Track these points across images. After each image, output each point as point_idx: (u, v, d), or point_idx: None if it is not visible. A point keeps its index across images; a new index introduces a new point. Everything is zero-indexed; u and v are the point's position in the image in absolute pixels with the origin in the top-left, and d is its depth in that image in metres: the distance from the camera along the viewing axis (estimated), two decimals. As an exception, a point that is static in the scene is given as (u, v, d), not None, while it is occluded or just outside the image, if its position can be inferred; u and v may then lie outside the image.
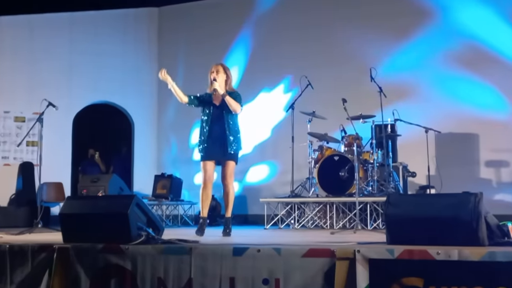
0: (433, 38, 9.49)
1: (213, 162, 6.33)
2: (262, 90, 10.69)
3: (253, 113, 10.56)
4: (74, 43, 10.91)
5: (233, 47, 10.93)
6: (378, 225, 7.78)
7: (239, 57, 10.84)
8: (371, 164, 8.25)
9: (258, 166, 10.62)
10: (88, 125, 11.58)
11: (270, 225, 8.41)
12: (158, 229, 4.97)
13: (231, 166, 6.27)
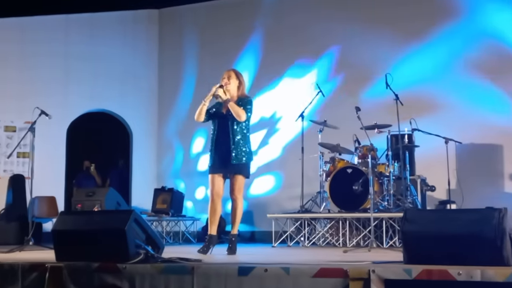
0: (454, 42, 9.49)
1: (221, 175, 6.32)
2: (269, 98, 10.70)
3: (261, 121, 10.58)
4: (69, 48, 10.96)
5: (243, 50, 10.93)
6: (395, 243, 7.75)
7: (248, 62, 10.85)
8: (387, 177, 8.23)
9: (265, 178, 10.61)
10: (84, 135, 11.61)
11: (278, 242, 8.40)
12: (157, 246, 4.97)
13: (238, 180, 6.26)
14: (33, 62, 10.66)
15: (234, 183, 6.27)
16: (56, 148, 10.65)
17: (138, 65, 11.61)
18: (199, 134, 11.19)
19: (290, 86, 10.56)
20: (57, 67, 10.85)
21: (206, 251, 6.22)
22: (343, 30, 10.21)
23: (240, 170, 6.24)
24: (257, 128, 10.70)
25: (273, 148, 10.61)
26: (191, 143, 11.30)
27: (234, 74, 6.40)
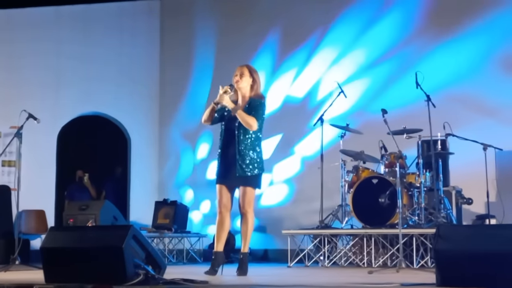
0: (493, 35, 9.46)
1: (229, 186, 6.32)
2: (285, 99, 10.72)
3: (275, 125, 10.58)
4: (60, 45, 11.00)
5: (259, 47, 10.93)
6: (426, 262, 7.72)
7: (265, 58, 10.86)
8: (418, 189, 8.20)
9: (279, 190, 10.61)
10: (76, 142, 11.65)
11: (294, 262, 8.39)
12: (159, 266, 4.98)
13: (247, 192, 6.26)
14: (20, 61, 10.72)
15: (242, 196, 6.27)
16: (45, 156, 10.69)
17: (137, 63, 11.64)
18: (206, 140, 11.21)
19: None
20: (46, 67, 10.90)
21: (214, 272, 6.21)
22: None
23: (248, 182, 6.23)
24: (270, 132, 10.72)
25: (289, 156, 10.59)
26: (197, 150, 11.32)
27: (247, 71, 6.37)
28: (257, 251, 10.29)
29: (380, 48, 10.08)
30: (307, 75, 10.59)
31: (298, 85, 10.67)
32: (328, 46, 10.47)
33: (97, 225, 8.94)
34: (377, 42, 10.12)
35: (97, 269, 4.68)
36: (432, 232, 7.43)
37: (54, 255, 4.92)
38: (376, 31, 10.15)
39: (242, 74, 6.36)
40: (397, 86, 9.67)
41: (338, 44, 10.38)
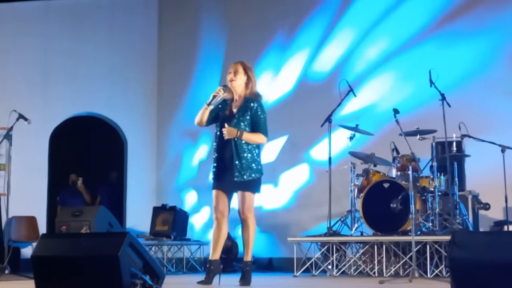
0: (509, 30, 9.47)
1: (226, 191, 6.34)
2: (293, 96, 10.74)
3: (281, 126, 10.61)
4: (49, 40, 11.00)
5: (266, 44, 10.96)
6: (441, 271, 7.71)
7: (272, 59, 10.89)
8: (432, 193, 8.20)
9: (284, 195, 10.62)
10: (69, 144, 11.67)
11: (301, 271, 8.40)
12: (157, 276, 4.99)
13: (246, 198, 6.26)
14: (8, 58, 10.73)
15: (241, 201, 6.28)
16: (36, 158, 10.71)
17: (132, 60, 11.65)
18: (206, 141, 11.23)
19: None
20: (36, 64, 10.90)
21: (208, 281, 6.22)
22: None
23: (247, 186, 6.24)
24: (276, 133, 10.73)
25: (295, 159, 10.60)
26: (197, 152, 11.32)
27: (241, 68, 6.38)
28: (261, 259, 10.30)
29: (392, 45, 10.08)
30: (316, 72, 10.60)
31: (307, 79, 10.68)
32: (337, 43, 10.48)
33: (91, 232, 8.95)
34: (389, 39, 10.12)
35: (92, 279, 4.69)
36: (447, 239, 7.42)
37: (46, 264, 4.94)
38: (387, 28, 10.15)
39: (236, 72, 6.37)
40: (410, 84, 9.67)
41: (348, 42, 10.39)
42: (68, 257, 4.89)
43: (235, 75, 6.36)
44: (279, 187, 10.66)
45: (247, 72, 6.40)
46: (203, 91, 11.28)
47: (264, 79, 10.73)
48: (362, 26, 10.33)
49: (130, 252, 4.80)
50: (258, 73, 10.70)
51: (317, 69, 10.60)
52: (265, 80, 10.74)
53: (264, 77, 10.73)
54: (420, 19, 9.97)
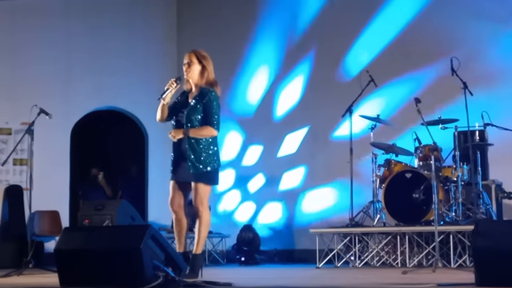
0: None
1: (181, 183, 6.21)
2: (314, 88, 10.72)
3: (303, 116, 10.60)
4: (70, 36, 11.05)
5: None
6: (465, 261, 7.69)
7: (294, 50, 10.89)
8: (454, 183, 8.17)
9: (305, 186, 10.60)
10: (90, 138, 11.72)
11: (323, 263, 8.39)
12: (179, 268, 5.01)
13: (199, 189, 6.10)
14: (28, 53, 10.77)
15: (194, 193, 6.13)
16: (58, 153, 10.76)
17: (152, 55, 11.67)
18: (224, 134, 11.24)
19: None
20: (57, 59, 10.94)
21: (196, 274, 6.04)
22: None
23: (201, 178, 6.11)
24: (295, 125, 10.73)
25: (316, 150, 10.58)
26: (221, 144, 11.32)
27: (195, 58, 6.26)
28: (283, 251, 10.31)
29: (413, 33, 10.01)
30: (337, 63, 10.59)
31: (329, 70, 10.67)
32: (357, 33, 10.43)
33: (113, 225, 9.00)
34: (410, 27, 10.05)
35: (114, 272, 4.72)
36: (470, 229, 7.40)
37: (69, 257, 4.97)
38: (409, 15, 10.09)
39: (190, 62, 6.26)
40: (432, 73, 9.61)
41: (368, 31, 10.34)
42: (91, 250, 4.92)
43: (189, 65, 6.25)
44: (300, 179, 10.65)
45: (201, 61, 6.26)
46: (222, 85, 11.29)
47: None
48: (383, 15, 10.27)
49: (152, 244, 4.82)
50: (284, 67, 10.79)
51: (339, 60, 10.56)
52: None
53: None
54: (442, 8, 9.90)
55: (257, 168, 11.03)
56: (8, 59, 10.67)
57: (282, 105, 10.94)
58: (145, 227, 4.94)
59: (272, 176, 10.91)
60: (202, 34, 11.58)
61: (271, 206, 10.79)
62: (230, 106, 11.11)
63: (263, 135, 11.06)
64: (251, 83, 11.23)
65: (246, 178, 11.06)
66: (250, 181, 11.03)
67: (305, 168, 10.64)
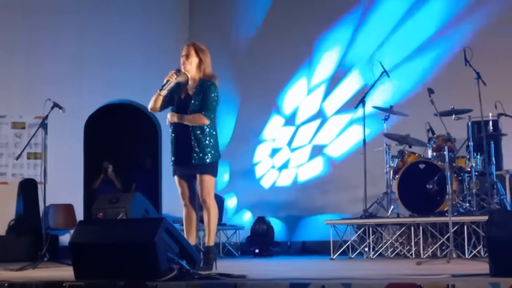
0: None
1: (187, 175, 6.21)
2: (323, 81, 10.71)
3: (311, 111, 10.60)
4: (83, 30, 11.06)
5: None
6: (479, 252, 7.69)
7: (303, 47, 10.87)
8: (468, 173, 8.15)
9: (319, 178, 10.60)
10: (104, 131, 11.74)
11: (337, 254, 8.40)
12: (193, 261, 5.02)
13: (205, 181, 6.12)
14: (41, 48, 10.80)
15: (200, 185, 6.13)
16: (72, 147, 10.79)
17: (165, 47, 11.66)
18: (241, 123, 11.25)
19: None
20: (69, 53, 10.97)
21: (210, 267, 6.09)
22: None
23: (206, 169, 6.12)
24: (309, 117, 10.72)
25: (329, 141, 10.58)
26: (231, 139, 11.34)
27: (193, 50, 6.26)
28: (296, 243, 10.33)
29: (427, 24, 9.98)
30: (350, 54, 10.57)
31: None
32: (371, 23, 10.41)
33: (127, 218, 9.02)
34: (424, 18, 10.02)
35: (129, 265, 4.73)
36: (484, 219, 7.38)
37: (84, 250, 4.99)
38: (423, 7, 10.05)
39: (188, 55, 6.24)
40: (445, 63, 9.58)
41: (382, 21, 10.31)
42: (105, 243, 4.94)
43: (187, 58, 6.24)
44: (313, 170, 10.66)
45: (199, 54, 6.25)
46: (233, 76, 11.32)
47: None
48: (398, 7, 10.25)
49: (166, 237, 4.83)
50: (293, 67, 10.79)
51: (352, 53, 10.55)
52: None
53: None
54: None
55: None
56: (21, 54, 10.71)
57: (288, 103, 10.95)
58: (159, 220, 4.94)
59: (286, 168, 10.93)
60: (214, 28, 11.59)
61: (285, 197, 10.79)
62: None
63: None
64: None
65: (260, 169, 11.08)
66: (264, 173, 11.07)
67: (317, 160, 10.64)
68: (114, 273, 4.73)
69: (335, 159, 10.50)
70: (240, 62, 11.27)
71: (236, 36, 11.42)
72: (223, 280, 4.60)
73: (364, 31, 10.45)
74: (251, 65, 11.18)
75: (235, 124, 11.35)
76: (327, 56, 10.73)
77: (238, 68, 11.26)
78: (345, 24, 10.61)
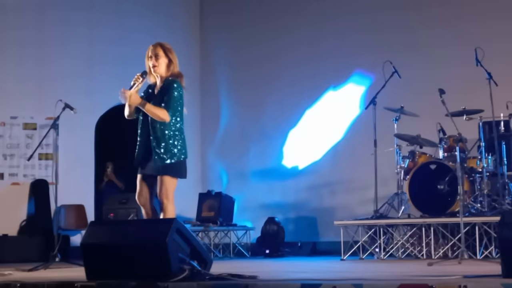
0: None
1: (148, 176, 6.14)
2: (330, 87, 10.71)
3: (321, 113, 10.57)
4: (94, 30, 11.09)
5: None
6: (491, 252, 7.66)
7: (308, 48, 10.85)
8: (480, 174, 8.12)
9: (330, 178, 10.59)
10: (114, 132, 11.74)
11: (348, 255, 8.39)
12: (205, 261, 5.02)
13: (164, 182, 6.01)
14: (53, 48, 10.82)
15: (159, 185, 6.03)
16: (83, 147, 10.81)
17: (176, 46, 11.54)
18: (252, 123, 11.24)
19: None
20: (80, 54, 11.00)
21: None
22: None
23: (166, 170, 6.02)
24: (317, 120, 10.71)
25: (340, 142, 10.57)
26: (242, 135, 11.34)
27: (162, 51, 6.21)
28: (306, 244, 10.31)
29: (437, 23, 9.95)
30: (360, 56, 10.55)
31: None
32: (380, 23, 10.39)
33: (138, 219, 9.04)
34: (434, 17, 9.99)
35: (141, 265, 4.74)
36: (496, 220, 7.34)
37: (95, 251, 5.00)
38: (433, 5, 10.03)
39: (157, 56, 6.21)
40: (456, 63, 9.55)
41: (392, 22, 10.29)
42: (117, 244, 4.95)
43: (156, 59, 6.20)
44: (323, 171, 10.65)
45: (167, 54, 6.22)
46: (244, 77, 11.33)
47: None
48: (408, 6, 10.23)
49: (178, 238, 4.84)
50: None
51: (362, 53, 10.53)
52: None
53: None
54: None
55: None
56: (32, 55, 10.74)
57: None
58: (170, 220, 4.96)
59: (296, 169, 10.92)
60: (224, 26, 11.60)
61: (295, 198, 10.78)
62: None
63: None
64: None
65: (271, 170, 11.07)
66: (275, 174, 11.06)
67: (328, 160, 10.63)
68: (125, 274, 4.74)
69: (346, 160, 10.47)
70: (251, 63, 11.27)
71: (246, 37, 11.41)
72: (234, 280, 4.60)
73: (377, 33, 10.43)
74: (261, 66, 11.17)
75: (247, 123, 11.34)
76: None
77: (248, 69, 11.27)
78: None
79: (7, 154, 10.54)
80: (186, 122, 11.88)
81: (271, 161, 11.07)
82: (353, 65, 10.44)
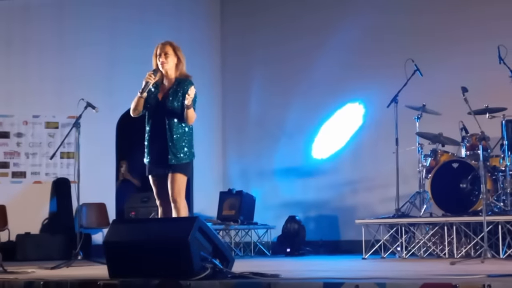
0: None
1: (162, 175, 6.14)
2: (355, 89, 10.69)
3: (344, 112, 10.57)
4: (116, 29, 11.13)
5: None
6: (514, 252, 7.62)
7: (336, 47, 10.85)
8: (503, 172, 8.07)
9: (351, 176, 10.57)
10: (135, 130, 11.77)
11: (369, 253, 8.37)
12: (227, 260, 5.02)
13: (177, 180, 6.05)
14: (74, 46, 10.87)
15: (172, 183, 6.06)
16: (104, 146, 10.87)
17: (195, 44, 11.68)
18: (273, 122, 11.23)
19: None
20: (102, 52, 11.04)
21: None
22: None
23: (180, 168, 6.07)
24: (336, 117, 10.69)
25: (361, 140, 10.54)
26: (263, 134, 11.33)
27: (171, 50, 6.22)
28: (328, 242, 10.29)
29: (460, 21, 9.89)
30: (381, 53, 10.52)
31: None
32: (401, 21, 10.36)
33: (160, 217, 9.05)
34: (457, 15, 9.93)
35: (163, 264, 4.76)
36: (519, 219, 7.33)
37: (118, 249, 5.02)
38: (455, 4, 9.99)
39: (166, 54, 6.20)
40: (478, 61, 9.49)
41: (414, 18, 10.25)
42: (139, 242, 4.97)
43: (166, 57, 6.20)
44: (344, 168, 10.63)
45: (177, 53, 6.23)
46: (266, 75, 11.33)
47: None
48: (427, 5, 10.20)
49: (200, 236, 4.85)
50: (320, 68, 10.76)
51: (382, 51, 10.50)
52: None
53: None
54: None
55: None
56: (53, 53, 10.80)
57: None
58: (192, 219, 4.96)
59: (317, 167, 10.91)
60: (245, 27, 11.62)
61: (316, 196, 10.77)
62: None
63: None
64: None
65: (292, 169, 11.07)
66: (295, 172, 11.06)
67: (349, 158, 10.60)
68: (147, 272, 4.76)
69: (367, 158, 10.45)
70: (274, 61, 11.26)
71: (270, 35, 11.40)
72: (256, 279, 4.60)
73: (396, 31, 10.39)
74: (283, 66, 11.17)
75: (268, 121, 11.35)
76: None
77: (271, 68, 11.28)
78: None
79: (30, 153, 10.61)
80: (208, 120, 11.98)
81: (292, 159, 11.06)
82: (378, 65, 10.39)
